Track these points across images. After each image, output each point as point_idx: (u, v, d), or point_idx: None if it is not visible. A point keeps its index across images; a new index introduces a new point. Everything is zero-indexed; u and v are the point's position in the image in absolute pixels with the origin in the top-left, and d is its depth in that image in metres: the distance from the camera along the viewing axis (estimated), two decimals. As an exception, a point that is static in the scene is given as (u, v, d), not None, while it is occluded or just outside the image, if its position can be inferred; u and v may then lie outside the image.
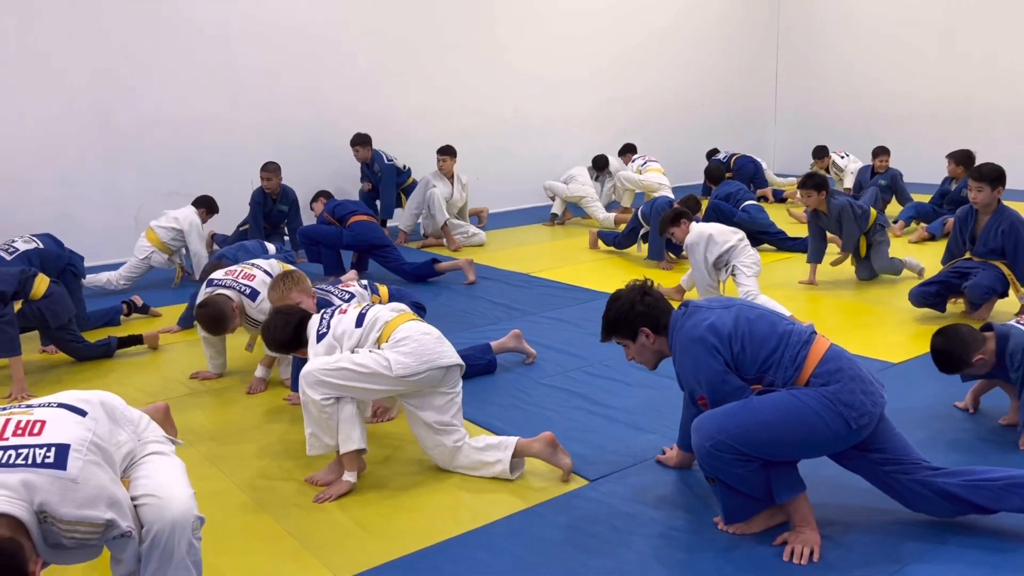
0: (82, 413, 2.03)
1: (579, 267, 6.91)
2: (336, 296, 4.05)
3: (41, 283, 4.54)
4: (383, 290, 4.25)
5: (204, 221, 6.85)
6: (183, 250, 6.72)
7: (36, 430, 1.92)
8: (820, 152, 9.92)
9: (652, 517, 2.88)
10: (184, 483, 2.12)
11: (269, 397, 4.20)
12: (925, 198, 8.31)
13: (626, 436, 3.54)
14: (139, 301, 5.76)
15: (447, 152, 7.98)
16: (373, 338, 3.24)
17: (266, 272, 4.35)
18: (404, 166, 8.49)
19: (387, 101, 9.06)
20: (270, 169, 7.32)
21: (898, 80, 11.44)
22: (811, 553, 2.57)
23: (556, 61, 10.43)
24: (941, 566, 2.52)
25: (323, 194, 7.48)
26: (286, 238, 7.53)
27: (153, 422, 2.34)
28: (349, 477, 3.15)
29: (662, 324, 2.84)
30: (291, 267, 4.37)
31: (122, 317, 5.62)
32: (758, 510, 2.72)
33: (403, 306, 3.54)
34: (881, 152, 8.68)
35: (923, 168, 9.88)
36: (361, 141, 8.29)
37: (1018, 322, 3.33)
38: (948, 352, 3.28)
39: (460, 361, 3.27)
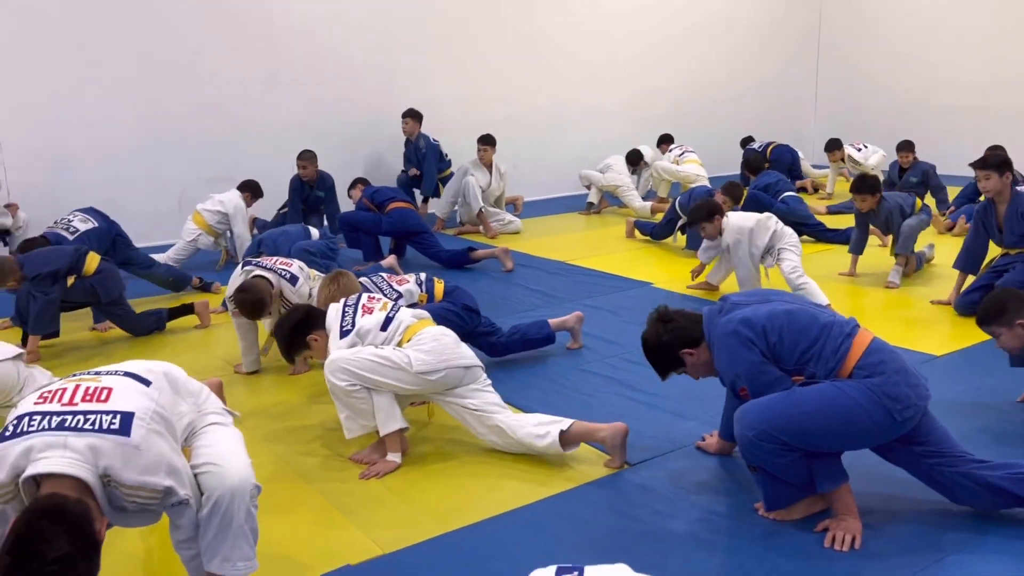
0: (147, 383, 2.11)
1: (615, 256, 6.92)
2: (385, 295, 4.10)
3: (92, 260, 4.72)
4: (439, 287, 4.25)
5: (249, 205, 6.98)
6: (228, 233, 6.85)
7: (103, 396, 2.01)
8: (832, 145, 9.58)
9: (692, 502, 2.91)
10: (242, 453, 2.19)
11: (311, 378, 4.29)
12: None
13: (666, 422, 3.56)
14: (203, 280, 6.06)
15: (487, 142, 8.01)
16: (396, 341, 3.32)
17: (300, 267, 4.43)
18: (446, 155, 8.55)
19: (425, 90, 9.10)
20: (306, 158, 7.43)
21: (945, 68, 11.23)
22: (852, 540, 2.59)
23: (592, 51, 10.40)
24: (983, 556, 2.52)
25: (360, 181, 7.55)
26: (325, 221, 7.64)
27: (213, 394, 2.42)
28: (393, 457, 3.22)
29: (696, 336, 2.86)
30: (337, 271, 4.31)
31: (192, 288, 5.92)
32: (799, 498, 2.74)
33: (425, 313, 3.61)
34: (904, 147, 8.28)
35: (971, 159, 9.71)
36: (412, 114, 8.42)
37: None
38: (1000, 301, 3.27)
39: (479, 362, 3.36)
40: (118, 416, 1.96)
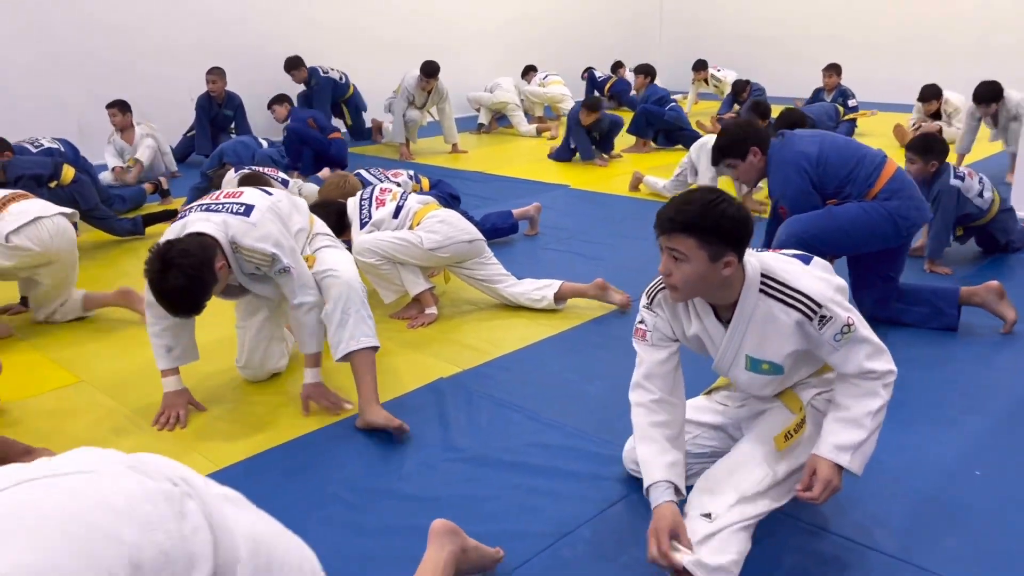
0: (269, 194, 2.99)
1: (522, 166, 7.64)
2: (388, 177, 4.67)
3: (68, 171, 4.91)
4: (425, 180, 4.89)
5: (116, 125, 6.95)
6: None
7: (237, 196, 2.90)
8: (699, 65, 10.84)
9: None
10: (351, 263, 3.01)
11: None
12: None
13: (635, 275, 4.39)
14: (164, 183, 6.24)
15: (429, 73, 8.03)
16: (407, 226, 3.92)
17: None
18: (341, 77, 8.76)
19: (313, 12, 9.32)
20: (216, 72, 7.57)
21: (772, 6, 12.82)
22: None
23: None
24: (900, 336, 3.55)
25: (285, 99, 7.56)
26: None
27: (320, 220, 3.23)
28: (431, 311, 3.86)
29: (765, 145, 3.47)
30: (341, 172, 4.67)
31: (148, 195, 6.13)
32: None
33: (430, 198, 4.21)
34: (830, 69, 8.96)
35: (794, 83, 11.26)
36: (294, 65, 8.45)
37: (965, 174, 4.28)
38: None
39: (481, 236, 4.01)
40: (243, 206, 2.83)
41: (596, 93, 11.70)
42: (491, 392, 3.10)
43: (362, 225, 3.89)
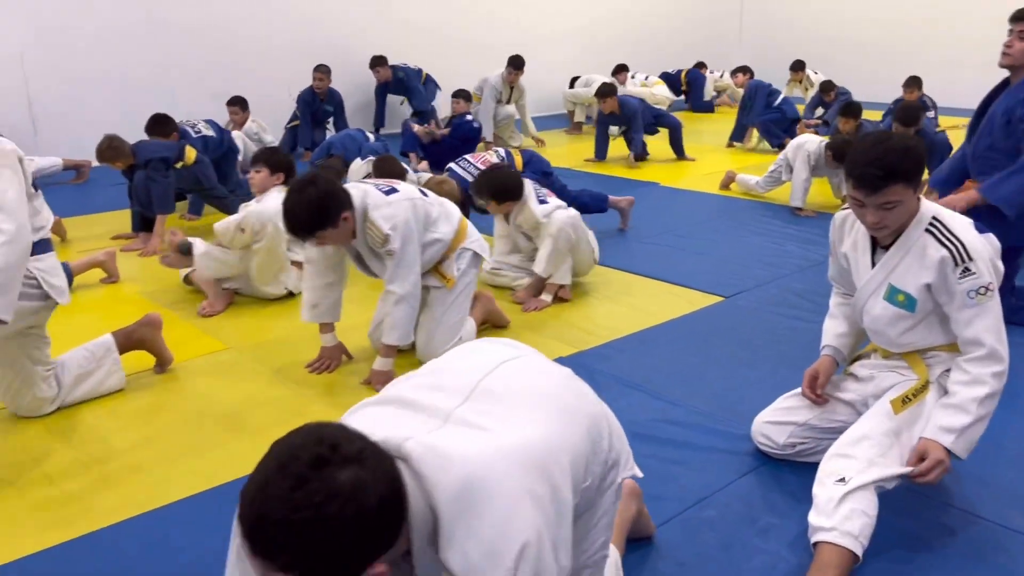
0: (425, 195, 3.26)
1: (610, 164, 7.78)
2: (477, 166, 4.87)
3: (191, 152, 5.26)
4: (518, 158, 5.10)
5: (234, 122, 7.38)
6: None
7: (393, 184, 3.19)
8: (798, 65, 10.79)
9: (791, 326, 3.87)
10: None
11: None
12: (877, 115, 9.41)
13: (738, 268, 4.52)
14: None
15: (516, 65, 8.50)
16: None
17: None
18: (415, 66, 9.08)
19: (401, 13, 9.61)
20: (322, 70, 7.93)
21: (854, 8, 12.69)
22: None
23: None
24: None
25: (465, 96, 7.68)
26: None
27: (475, 233, 3.45)
28: (545, 298, 4.05)
29: None
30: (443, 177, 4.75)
31: None
32: None
33: None
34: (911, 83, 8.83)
35: (877, 88, 11.13)
36: (379, 62, 8.81)
37: None
38: None
39: None
40: (390, 187, 3.14)
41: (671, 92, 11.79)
42: (612, 372, 3.26)
43: (540, 202, 4.11)
